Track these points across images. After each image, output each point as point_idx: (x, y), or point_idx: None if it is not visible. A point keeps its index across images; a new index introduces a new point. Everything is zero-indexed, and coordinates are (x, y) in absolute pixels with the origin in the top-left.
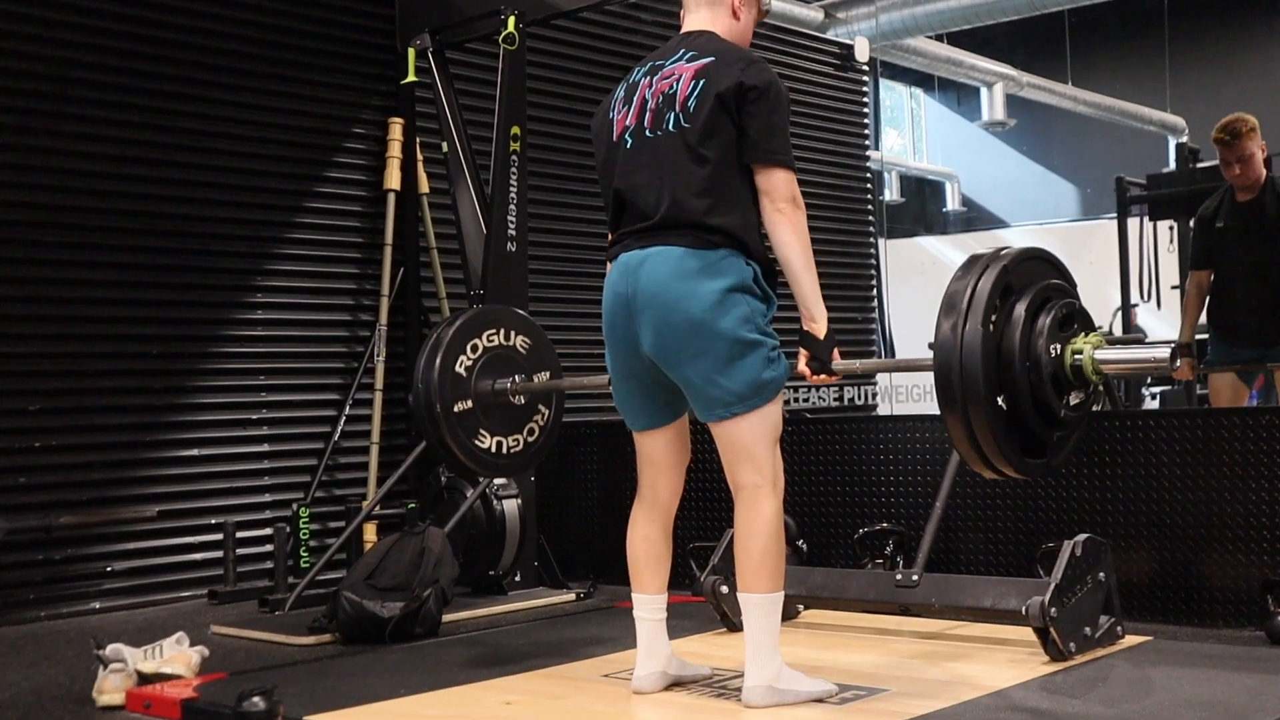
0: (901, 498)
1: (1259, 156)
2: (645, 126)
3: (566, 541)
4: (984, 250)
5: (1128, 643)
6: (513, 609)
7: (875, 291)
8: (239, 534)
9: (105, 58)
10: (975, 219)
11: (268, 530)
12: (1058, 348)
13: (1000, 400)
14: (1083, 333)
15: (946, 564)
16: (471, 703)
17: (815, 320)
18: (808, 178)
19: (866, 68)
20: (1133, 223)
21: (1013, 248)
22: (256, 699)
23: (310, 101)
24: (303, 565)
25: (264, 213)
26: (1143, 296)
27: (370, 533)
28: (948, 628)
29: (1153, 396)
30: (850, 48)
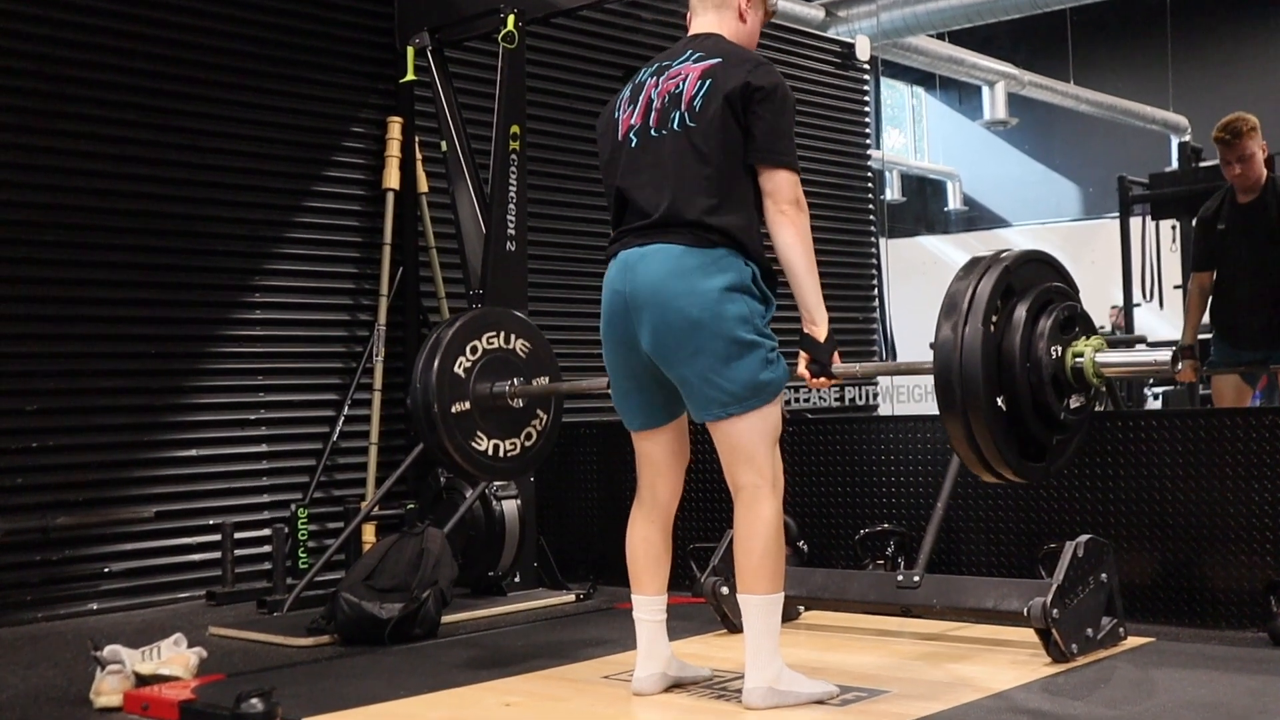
0: (903, 498)
1: (1260, 156)
2: (650, 126)
3: (566, 542)
4: (985, 250)
5: (1130, 644)
6: (512, 610)
7: (876, 291)
8: (237, 535)
9: (103, 56)
10: (977, 218)
11: (266, 531)
12: (1058, 350)
13: (1000, 401)
14: (1084, 336)
15: (948, 565)
16: (471, 704)
17: (816, 323)
18: (809, 177)
19: (867, 66)
20: (1135, 222)
21: (1014, 250)
22: (255, 701)
23: (309, 100)
24: (301, 566)
25: (262, 212)
26: (1145, 296)
27: (369, 533)
28: (949, 629)
29: (1155, 397)
30: (851, 46)
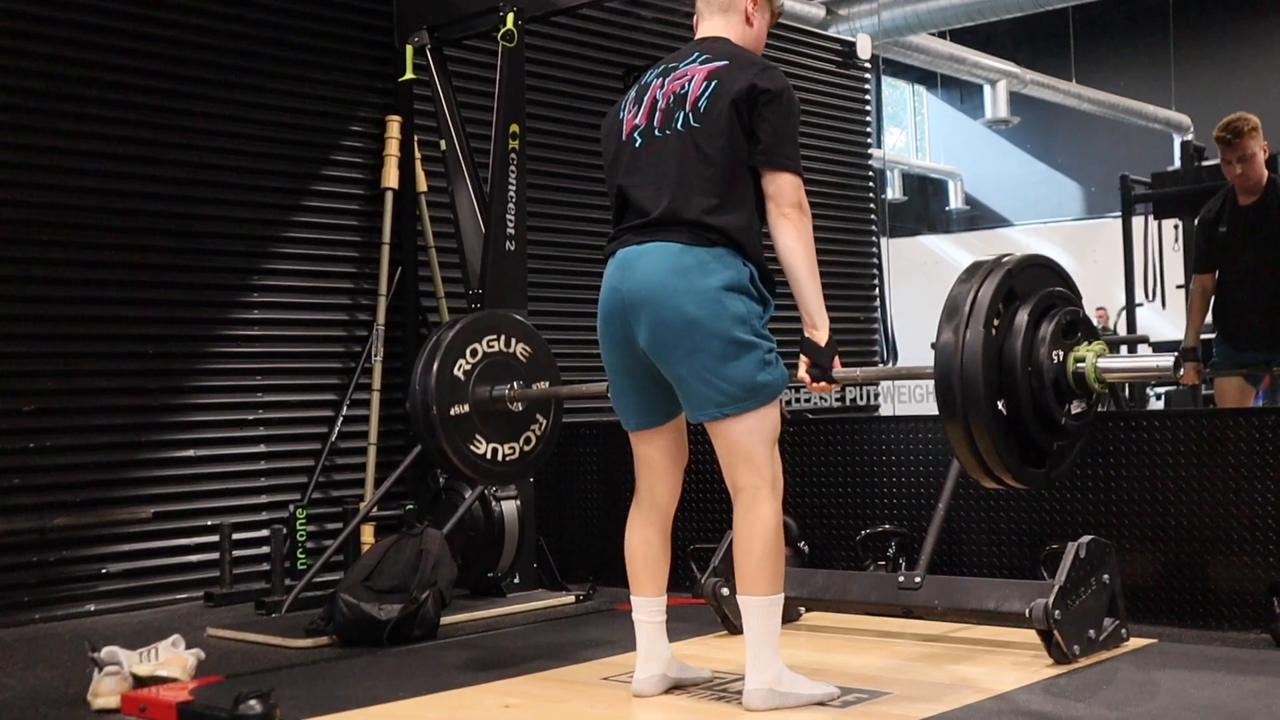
0: (904, 499)
1: (1261, 156)
2: (655, 126)
3: (566, 543)
4: (987, 249)
5: (1132, 645)
6: (511, 611)
7: (877, 291)
8: (235, 535)
9: (101, 55)
10: (978, 218)
11: (264, 532)
12: (1060, 355)
13: (1000, 405)
14: (1086, 341)
15: (949, 566)
16: (470, 706)
17: (817, 327)
18: (809, 176)
19: (868, 65)
20: (1137, 221)
21: (1015, 254)
22: (253, 702)
23: (307, 99)
24: (299, 567)
25: (261, 211)
26: (1147, 296)
27: (368, 534)
28: (950, 630)
29: (1158, 397)
30: (852, 45)
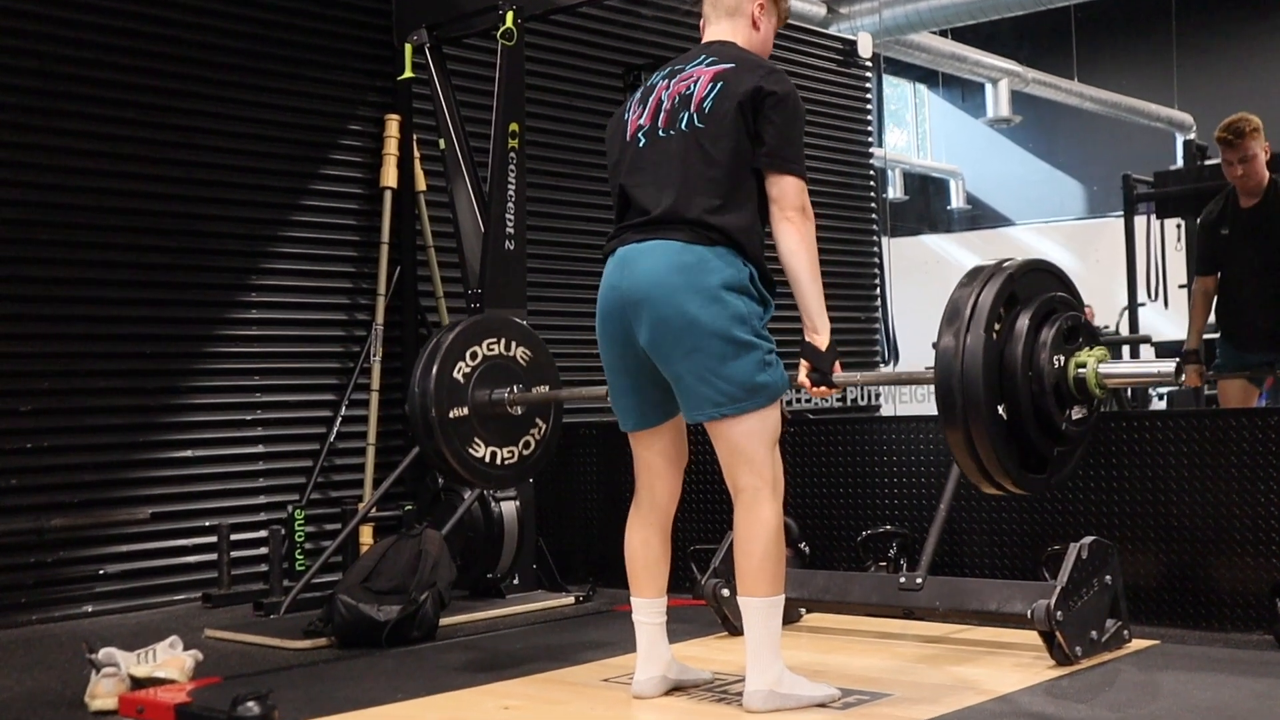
0: (905, 499)
1: (1262, 158)
2: (659, 126)
3: (565, 544)
4: (988, 248)
5: (1134, 647)
6: (511, 612)
7: (879, 291)
8: (233, 536)
9: (97, 53)
10: (980, 217)
11: (263, 533)
12: (1061, 360)
13: (1001, 410)
14: (1087, 346)
15: (951, 567)
16: (469, 707)
17: (818, 332)
18: (810, 175)
19: (870, 63)
20: (1140, 221)
21: (1017, 259)
22: (251, 704)
23: (306, 98)
24: (298, 568)
25: (259, 210)
26: (1150, 296)
27: (366, 535)
28: (952, 631)
29: (1160, 398)
30: (853, 43)
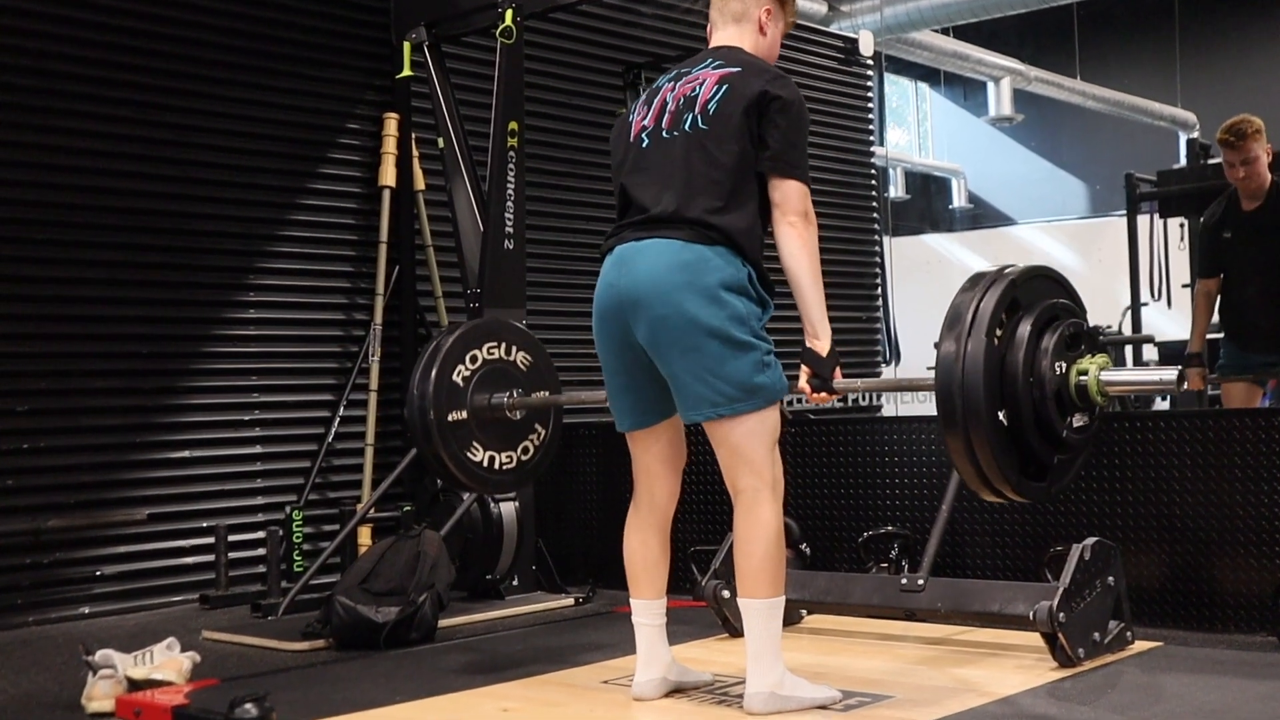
0: (907, 500)
1: (1264, 160)
2: (663, 127)
3: (565, 545)
4: (990, 247)
5: (1137, 648)
6: (510, 614)
7: (880, 290)
8: (231, 537)
9: (93, 51)
10: (982, 216)
11: (260, 534)
12: (1062, 366)
13: (1001, 416)
14: (1089, 353)
15: (952, 568)
16: (468, 710)
17: (819, 337)
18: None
19: (871, 62)
20: (1143, 220)
21: (1019, 265)
22: (249, 706)
23: (304, 96)
24: (296, 569)
25: (256, 210)
26: (1153, 295)
27: (365, 536)
28: (954, 633)
29: (1163, 397)
30: (854, 41)
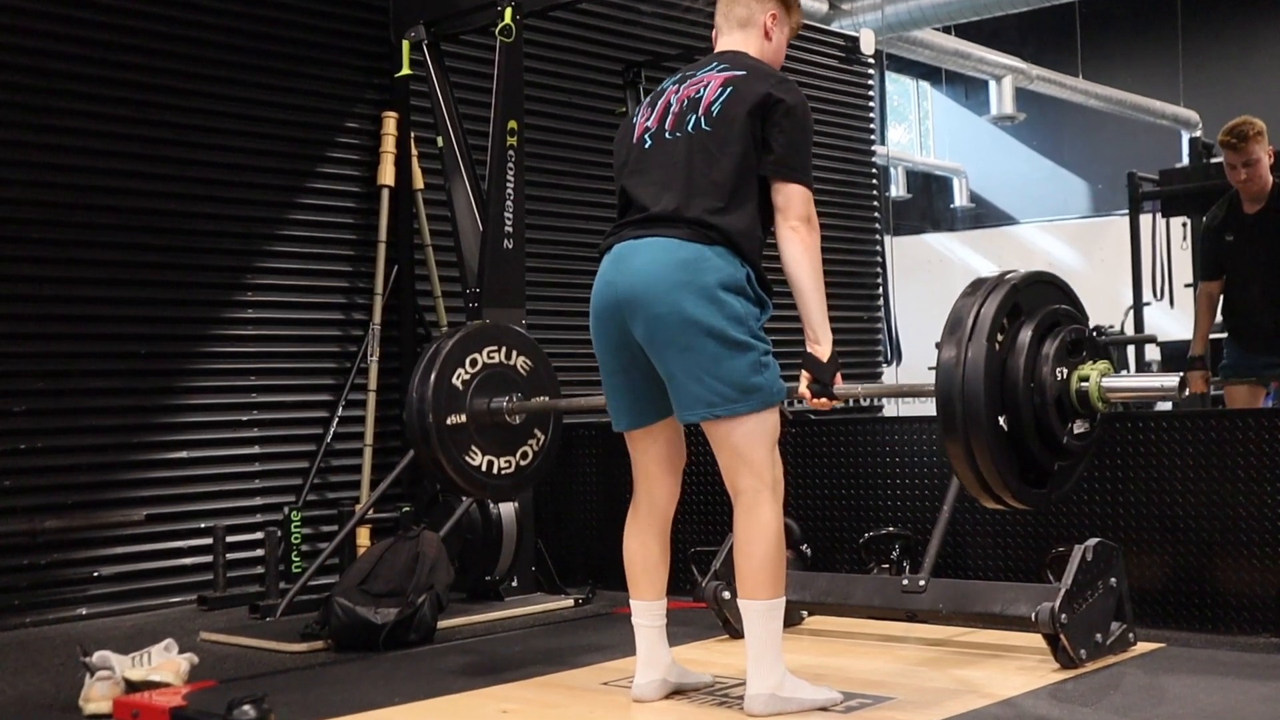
0: (908, 501)
1: (1266, 162)
2: (666, 128)
3: (564, 546)
4: (992, 246)
5: (1140, 650)
6: (509, 615)
7: (881, 289)
8: (229, 538)
9: (91, 49)
10: (984, 215)
11: (258, 534)
12: (1064, 372)
13: (1002, 421)
14: (1090, 359)
15: (954, 569)
16: (467, 711)
17: (819, 343)
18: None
19: (872, 60)
20: (1145, 219)
21: (1020, 270)
22: (247, 707)
23: (302, 95)
24: (294, 570)
25: (255, 209)
26: (1155, 295)
27: (364, 537)
28: (955, 634)
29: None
30: (855, 40)
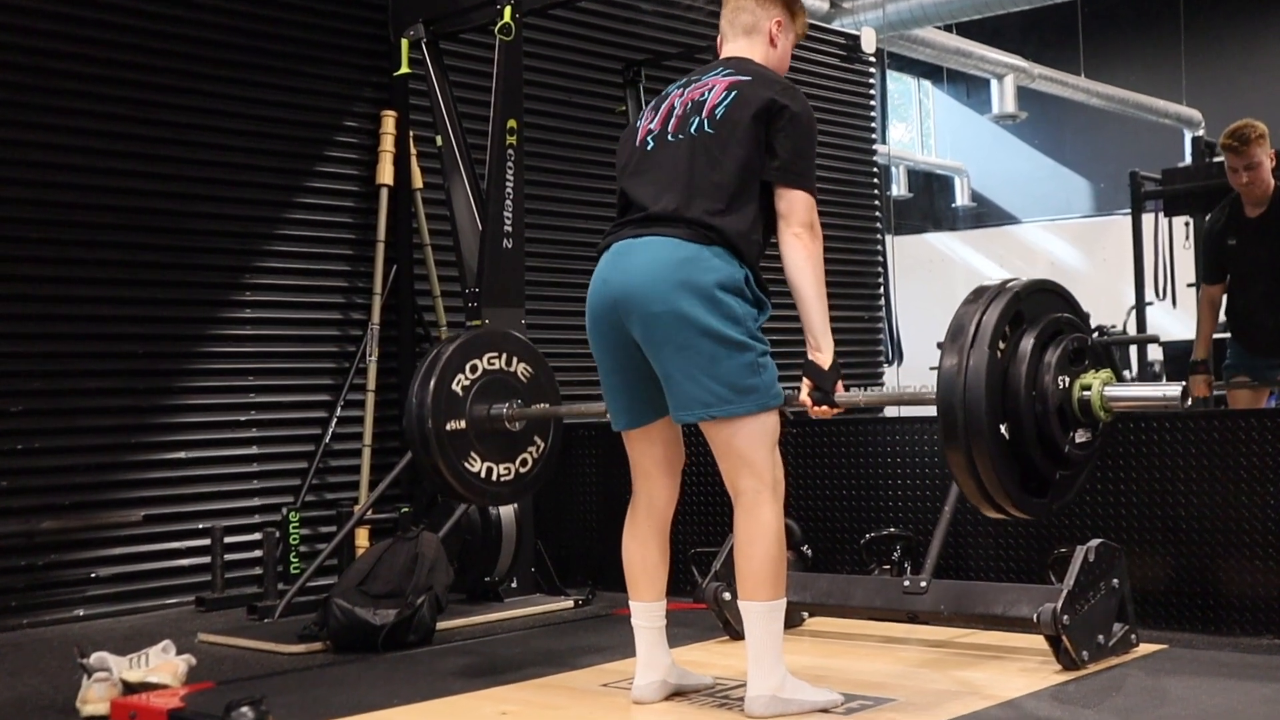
0: (909, 502)
1: (1268, 165)
2: (669, 131)
3: (564, 547)
4: (994, 245)
5: (1142, 651)
6: (509, 616)
7: (882, 289)
8: (227, 539)
9: (89, 48)
10: (985, 215)
11: (257, 535)
12: (1066, 381)
13: (1003, 429)
14: (1093, 368)
15: (955, 570)
16: (466, 713)
17: (821, 350)
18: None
19: (873, 59)
20: (1147, 219)
21: (1022, 279)
22: (245, 709)
23: (301, 94)
24: (293, 571)
25: (253, 208)
26: (1158, 294)
27: (362, 538)
28: (956, 635)
29: None
30: (857, 38)
